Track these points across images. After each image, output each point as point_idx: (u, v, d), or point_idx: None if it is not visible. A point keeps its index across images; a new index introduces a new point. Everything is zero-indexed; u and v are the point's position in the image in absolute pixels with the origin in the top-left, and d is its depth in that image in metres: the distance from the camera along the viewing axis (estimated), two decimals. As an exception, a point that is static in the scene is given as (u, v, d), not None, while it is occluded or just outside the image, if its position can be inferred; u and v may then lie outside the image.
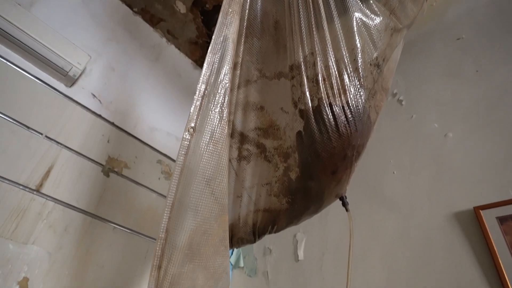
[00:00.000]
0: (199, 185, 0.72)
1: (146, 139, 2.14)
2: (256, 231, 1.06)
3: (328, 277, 1.79)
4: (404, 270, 1.57)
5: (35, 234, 1.53)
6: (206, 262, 0.76)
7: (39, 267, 1.50)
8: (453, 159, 1.71)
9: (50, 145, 1.68)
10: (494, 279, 1.36)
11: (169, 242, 0.69)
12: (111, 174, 1.89)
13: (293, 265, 1.96)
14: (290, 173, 0.98)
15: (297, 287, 1.87)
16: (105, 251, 1.73)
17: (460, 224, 1.55)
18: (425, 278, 1.50)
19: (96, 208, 1.77)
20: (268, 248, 2.13)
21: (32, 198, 1.56)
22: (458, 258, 1.47)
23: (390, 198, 1.80)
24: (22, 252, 1.48)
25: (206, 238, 0.74)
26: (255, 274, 2.10)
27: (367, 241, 1.73)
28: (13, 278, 1.42)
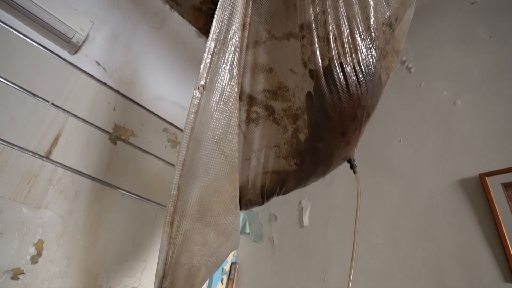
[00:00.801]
0: (209, 144, 0.72)
1: (151, 107, 2.14)
2: (264, 193, 1.08)
3: (333, 243, 1.83)
4: (408, 236, 1.60)
5: (47, 199, 1.56)
6: (217, 219, 0.78)
7: (52, 230, 1.55)
8: (461, 127, 1.70)
9: (57, 112, 1.69)
10: (497, 243, 1.39)
11: (181, 199, 0.71)
12: (118, 142, 1.91)
13: (298, 231, 2.00)
14: (299, 134, 0.97)
15: (302, 252, 1.93)
16: (115, 216, 1.77)
17: (465, 191, 1.56)
18: (429, 243, 1.53)
19: (105, 175, 1.80)
20: (274, 215, 2.17)
21: (42, 164, 1.59)
22: (462, 223, 1.50)
23: (395, 166, 1.80)
24: (36, 216, 1.52)
25: (217, 195, 0.76)
26: (261, 240, 2.16)
27: (372, 208, 1.76)
28: (29, 240, 1.47)
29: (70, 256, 1.57)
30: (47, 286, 1.47)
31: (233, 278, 2.12)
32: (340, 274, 1.72)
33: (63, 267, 1.54)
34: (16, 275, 1.41)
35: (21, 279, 1.41)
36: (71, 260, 1.57)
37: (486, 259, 1.38)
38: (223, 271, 2.15)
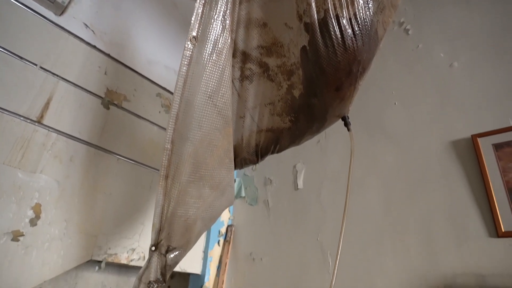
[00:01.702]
0: (202, 97, 0.71)
1: (144, 72, 2.10)
2: (259, 151, 1.08)
3: (326, 204, 1.88)
4: (400, 196, 1.64)
5: (42, 164, 1.56)
6: (212, 172, 0.79)
7: (49, 194, 1.56)
8: (457, 89, 1.70)
9: (46, 76, 1.65)
10: (484, 202, 1.43)
11: (175, 153, 0.71)
12: (111, 107, 1.88)
13: (293, 193, 2.04)
14: (294, 91, 0.96)
15: (296, 214, 1.98)
16: (111, 180, 1.78)
17: (457, 152, 1.58)
18: (420, 204, 1.57)
19: (99, 139, 1.79)
20: (269, 179, 2.20)
21: (34, 129, 1.57)
22: (452, 184, 1.53)
23: (390, 129, 1.81)
24: (31, 180, 1.52)
25: (212, 149, 0.76)
26: (256, 203, 2.20)
27: (366, 170, 1.79)
28: (26, 203, 1.49)
29: (68, 219, 1.59)
30: (47, 247, 1.51)
31: (229, 240, 2.18)
32: (332, 234, 1.78)
33: (62, 229, 1.57)
34: (16, 237, 1.43)
35: (21, 240, 1.44)
36: (69, 223, 1.59)
37: (473, 217, 1.43)
38: (220, 233, 2.20)
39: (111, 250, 1.70)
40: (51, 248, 1.51)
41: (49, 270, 1.50)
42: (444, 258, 1.42)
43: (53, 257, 1.51)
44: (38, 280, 1.46)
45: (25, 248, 1.44)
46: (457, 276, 1.38)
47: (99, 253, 1.65)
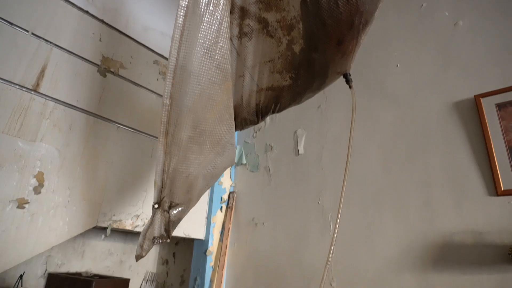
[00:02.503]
0: (200, 50, 0.69)
1: (140, 38, 2.04)
2: (259, 111, 1.07)
3: (327, 168, 1.89)
4: (400, 159, 1.65)
5: (41, 132, 1.55)
6: (212, 128, 0.78)
7: (51, 162, 1.57)
8: (460, 48, 1.65)
9: (39, 43, 1.60)
10: (484, 161, 1.44)
11: (175, 108, 0.70)
12: (108, 75, 1.85)
13: (294, 159, 2.05)
14: (294, 46, 0.93)
15: (297, 179, 1.99)
16: (112, 148, 1.78)
17: (459, 113, 1.57)
18: (420, 165, 1.58)
19: (97, 108, 1.77)
20: (269, 145, 2.20)
21: (31, 97, 1.55)
22: (453, 145, 1.53)
23: (391, 91, 1.79)
24: (32, 149, 1.52)
25: (211, 104, 0.74)
26: (257, 170, 2.22)
27: (366, 133, 1.78)
28: (28, 172, 1.49)
29: (71, 187, 1.61)
30: (53, 214, 1.53)
31: (231, 206, 2.21)
32: (333, 198, 1.80)
33: (66, 197, 1.58)
34: (22, 204, 1.45)
35: (27, 208, 1.46)
36: (73, 190, 1.61)
37: (473, 177, 1.44)
38: (222, 200, 2.24)
39: (116, 216, 1.73)
40: (57, 215, 1.54)
41: (56, 236, 1.53)
42: (442, 218, 1.45)
43: (59, 224, 1.54)
44: (46, 246, 1.50)
45: (31, 215, 1.46)
46: (455, 234, 1.41)
47: (104, 219, 1.68)
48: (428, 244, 1.45)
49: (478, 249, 1.34)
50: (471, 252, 1.35)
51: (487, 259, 1.32)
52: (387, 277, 1.51)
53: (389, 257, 1.53)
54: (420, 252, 1.46)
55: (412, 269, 1.46)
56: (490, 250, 1.32)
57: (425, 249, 1.45)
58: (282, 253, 1.89)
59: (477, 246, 1.35)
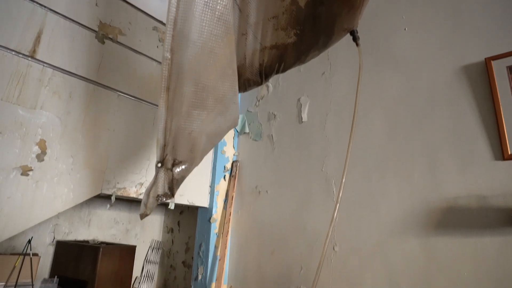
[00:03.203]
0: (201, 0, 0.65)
1: (138, 3, 1.96)
2: (263, 71, 1.03)
3: (331, 135, 1.87)
4: (405, 124, 1.62)
5: (41, 100, 1.53)
6: (215, 83, 0.75)
7: (52, 130, 1.56)
8: (471, 9, 1.58)
9: (33, 8, 1.55)
10: (492, 125, 1.41)
11: (176, 62, 0.67)
12: (106, 41, 1.79)
13: (297, 127, 2.03)
14: (299, 0, 0.88)
15: (300, 147, 1.98)
16: (113, 116, 1.77)
17: (468, 77, 1.52)
18: (425, 130, 1.55)
19: (96, 75, 1.73)
20: (273, 113, 2.17)
21: (28, 64, 1.51)
22: (460, 110, 1.49)
23: (398, 55, 1.73)
24: (33, 116, 1.50)
25: (213, 57, 0.71)
26: (260, 138, 2.20)
27: (372, 99, 1.75)
28: (30, 139, 1.49)
29: (74, 154, 1.60)
30: (57, 181, 1.54)
31: (235, 175, 2.22)
32: (337, 164, 1.79)
33: (69, 165, 1.59)
34: (26, 172, 1.45)
35: (31, 175, 1.46)
36: (75, 158, 1.61)
37: (479, 142, 1.42)
38: (225, 168, 2.24)
39: (120, 184, 1.74)
40: (61, 182, 1.55)
41: (61, 202, 1.54)
42: (447, 182, 1.44)
43: (64, 191, 1.55)
44: (52, 212, 1.52)
45: (35, 182, 1.47)
46: (459, 198, 1.41)
47: (108, 187, 1.69)
48: (431, 208, 1.46)
49: (481, 213, 1.34)
50: (475, 216, 1.35)
51: (491, 222, 1.32)
52: (390, 241, 1.52)
53: (392, 222, 1.54)
54: (423, 217, 1.47)
55: (415, 233, 1.47)
56: (494, 213, 1.32)
57: (428, 214, 1.46)
58: (286, 220, 1.91)
59: (481, 210, 1.35)
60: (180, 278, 2.68)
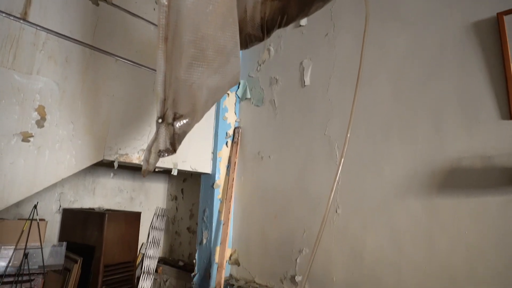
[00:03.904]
0: None
1: (131, -39, 1.86)
2: (264, 25, 0.98)
3: (334, 98, 1.83)
4: (411, 85, 1.58)
5: (36, 65, 1.49)
6: (215, 33, 0.71)
7: (51, 96, 1.53)
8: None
9: (22, -34, 1.47)
10: (500, 83, 1.36)
11: (173, 9, 0.63)
12: (101, 3, 1.72)
13: (300, 91, 1.99)
14: None
15: (303, 111, 1.95)
16: (112, 82, 1.73)
17: (477, 34, 1.46)
18: (432, 90, 1.51)
19: (92, 39, 1.68)
20: (274, 78, 2.13)
21: (21, 27, 1.46)
22: (468, 68, 1.45)
23: (405, 12, 1.66)
24: (29, 82, 1.47)
25: (213, 4, 0.67)
26: (262, 104, 2.17)
27: (376, 59, 1.69)
28: (29, 105, 1.46)
29: (74, 121, 1.59)
30: (59, 148, 1.53)
31: (237, 141, 2.21)
32: (340, 127, 1.77)
33: (70, 131, 1.57)
34: (26, 138, 1.44)
35: (32, 141, 1.45)
36: (76, 124, 1.59)
37: (487, 101, 1.38)
38: (227, 135, 2.22)
39: (122, 150, 1.73)
40: (63, 149, 1.54)
41: (64, 168, 1.54)
42: (452, 143, 1.42)
43: (66, 157, 1.55)
44: (55, 178, 1.52)
45: (37, 149, 1.46)
46: (463, 159, 1.39)
47: (110, 153, 1.69)
48: (435, 169, 1.45)
49: (485, 173, 1.33)
50: (478, 176, 1.35)
51: (494, 182, 1.31)
52: (393, 203, 1.53)
53: (395, 184, 1.54)
54: (426, 178, 1.46)
55: (418, 195, 1.47)
56: (498, 173, 1.31)
57: (432, 175, 1.45)
58: (288, 184, 1.92)
59: (485, 170, 1.34)
60: (185, 244, 2.74)
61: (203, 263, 2.11)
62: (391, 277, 1.48)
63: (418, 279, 1.41)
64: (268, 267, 1.94)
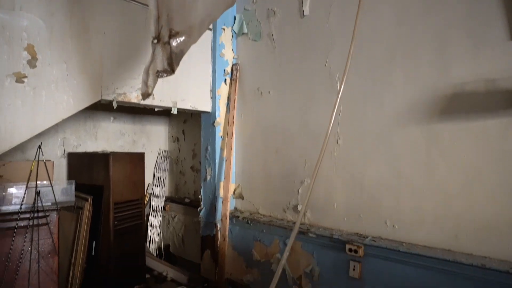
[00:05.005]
0: None
1: None
2: None
3: (335, 28, 1.75)
4: (415, 9, 1.49)
5: (18, 0, 1.41)
6: None
7: (38, 34, 1.46)
8: None
9: None
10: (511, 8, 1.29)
11: None
12: None
13: (299, 22, 1.89)
14: None
15: (302, 43, 1.87)
16: (102, 18, 1.64)
17: None
18: (438, 13, 1.43)
19: (75, -31, 1.55)
20: (272, 10, 2.01)
21: (-4, -44, 1.34)
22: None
23: None
24: (13, 19, 1.40)
25: None
26: (259, 38, 2.08)
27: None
28: (17, 44, 1.40)
29: (67, 60, 1.54)
30: (54, 88, 1.50)
31: (235, 78, 2.16)
32: (341, 58, 1.71)
33: (64, 71, 1.53)
34: (20, 79, 1.41)
35: (26, 82, 1.42)
36: (69, 64, 1.54)
37: (495, 21, 1.32)
38: (225, 72, 2.17)
39: (119, 90, 1.70)
40: (59, 89, 1.51)
41: (63, 109, 1.53)
42: (456, 67, 1.39)
43: (64, 98, 1.53)
44: (56, 118, 1.51)
45: (32, 89, 1.44)
46: (467, 83, 1.37)
47: (108, 93, 1.66)
48: (437, 95, 1.43)
49: (488, 97, 1.32)
50: (481, 100, 1.34)
51: (496, 105, 1.31)
52: (393, 131, 1.54)
53: (396, 112, 1.54)
54: (428, 105, 1.45)
55: (419, 122, 1.48)
56: (501, 96, 1.30)
57: (434, 101, 1.44)
58: (289, 118, 1.92)
59: (488, 93, 1.33)
60: (190, 182, 2.84)
61: (208, 198, 2.20)
62: (389, 201, 1.55)
63: (416, 202, 1.48)
64: (271, 199, 2.02)
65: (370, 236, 1.59)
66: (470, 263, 1.28)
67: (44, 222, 1.50)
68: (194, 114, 2.77)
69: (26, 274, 1.44)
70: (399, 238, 1.52)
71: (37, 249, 1.47)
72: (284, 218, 1.95)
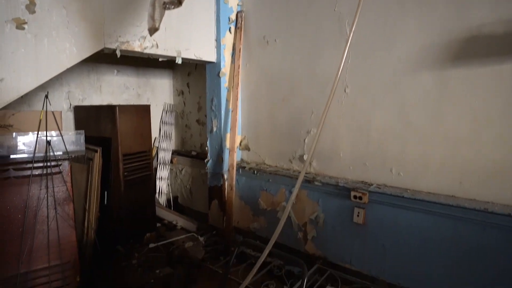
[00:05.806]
0: None
1: None
2: None
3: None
4: None
5: None
6: None
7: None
8: None
9: None
10: None
11: None
12: None
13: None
14: None
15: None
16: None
17: None
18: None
19: None
20: None
21: None
22: None
23: None
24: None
25: None
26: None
27: None
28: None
29: (66, 5, 1.48)
30: (56, 35, 1.46)
31: (240, 26, 2.08)
32: (352, 2, 1.63)
33: (64, 17, 1.48)
34: (20, 25, 1.37)
35: (27, 28, 1.38)
36: (69, 10, 1.48)
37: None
38: (230, 20, 2.09)
39: (122, 38, 1.65)
40: (60, 36, 1.47)
41: (66, 58, 1.50)
42: (476, 7, 1.31)
43: (66, 45, 1.49)
44: (60, 67, 1.49)
45: (34, 36, 1.40)
46: (484, 25, 1.31)
47: (110, 41, 1.62)
48: (452, 40, 1.37)
49: (506, 39, 1.26)
50: (498, 43, 1.28)
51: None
52: (403, 78, 1.51)
53: (407, 58, 1.49)
54: (441, 50, 1.40)
55: (430, 68, 1.43)
56: (519, 38, 1.24)
57: (448, 46, 1.39)
58: (296, 67, 1.88)
59: (506, 35, 1.27)
60: (196, 135, 2.85)
61: (215, 150, 2.22)
62: (396, 149, 1.56)
63: (422, 149, 1.48)
64: (277, 149, 2.04)
65: (375, 184, 1.62)
66: (473, 208, 1.32)
67: (57, 171, 1.54)
68: (198, 66, 2.71)
69: (45, 219, 1.51)
70: (404, 186, 1.55)
71: (53, 196, 1.52)
72: (290, 168, 1.98)
